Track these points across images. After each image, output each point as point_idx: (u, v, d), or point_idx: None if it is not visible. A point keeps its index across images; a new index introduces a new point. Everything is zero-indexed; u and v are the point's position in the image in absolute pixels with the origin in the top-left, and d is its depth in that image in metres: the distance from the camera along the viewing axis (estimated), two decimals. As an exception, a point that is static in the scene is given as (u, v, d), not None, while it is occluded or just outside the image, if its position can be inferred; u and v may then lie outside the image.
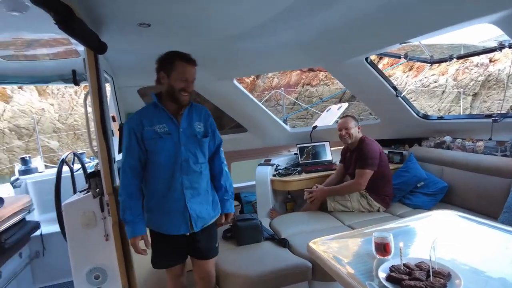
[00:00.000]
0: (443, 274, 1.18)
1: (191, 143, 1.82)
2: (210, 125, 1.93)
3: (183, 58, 1.77)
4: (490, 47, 2.95)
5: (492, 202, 2.34)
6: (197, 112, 1.89)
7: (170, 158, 1.78)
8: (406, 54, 3.24)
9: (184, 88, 1.76)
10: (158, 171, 1.80)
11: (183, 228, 1.83)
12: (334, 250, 1.58)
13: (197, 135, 1.84)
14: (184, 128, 1.81)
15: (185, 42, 2.50)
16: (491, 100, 14.70)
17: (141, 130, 1.76)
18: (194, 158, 1.83)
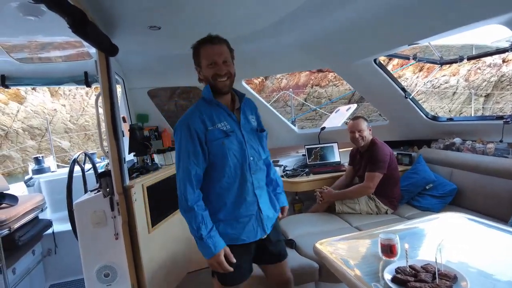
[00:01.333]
0: (449, 276, 1.19)
1: (253, 139, 1.66)
2: (257, 117, 1.75)
3: (204, 42, 1.56)
4: (502, 47, 2.92)
5: (502, 205, 2.31)
6: (249, 106, 1.72)
7: (239, 159, 1.59)
8: (415, 55, 3.23)
9: (217, 72, 1.53)
10: (228, 176, 1.58)
11: (260, 232, 1.64)
12: (341, 252, 1.59)
13: (256, 129, 1.69)
14: (244, 124, 1.63)
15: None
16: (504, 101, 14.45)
17: (205, 131, 1.54)
18: (258, 155, 1.67)
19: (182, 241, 2.99)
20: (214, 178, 1.58)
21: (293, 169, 3.59)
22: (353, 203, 2.90)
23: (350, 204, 2.91)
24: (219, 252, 1.50)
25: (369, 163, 2.85)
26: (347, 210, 2.90)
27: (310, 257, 2.18)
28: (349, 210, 2.90)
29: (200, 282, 2.92)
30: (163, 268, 2.60)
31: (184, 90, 12.80)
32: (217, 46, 1.55)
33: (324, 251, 1.58)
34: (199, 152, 1.52)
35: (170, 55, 2.83)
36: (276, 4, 1.93)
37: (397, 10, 2.12)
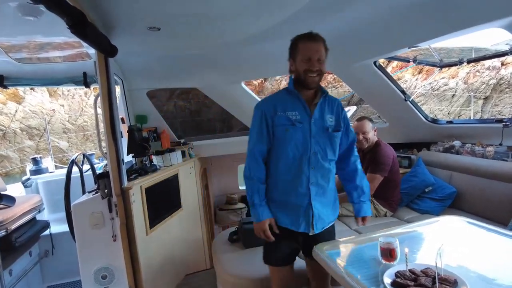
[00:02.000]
0: (449, 281, 1.18)
1: (322, 137, 1.68)
2: (343, 119, 1.76)
3: (303, 37, 1.63)
4: (501, 50, 2.92)
5: (502, 208, 2.31)
6: (330, 104, 1.74)
7: (299, 148, 1.66)
8: (415, 58, 3.22)
9: (309, 68, 1.60)
10: (285, 162, 1.67)
11: (303, 226, 1.69)
12: (340, 254, 1.58)
13: (329, 128, 1.70)
14: (316, 118, 1.67)
15: (193, 46, 2.54)
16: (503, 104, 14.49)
17: (273, 115, 1.66)
18: (323, 152, 1.69)
19: (180, 243, 2.98)
20: (274, 160, 1.71)
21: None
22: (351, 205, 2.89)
23: (349, 207, 2.89)
24: (265, 220, 1.66)
25: (371, 164, 2.81)
26: (346, 213, 2.89)
27: (309, 260, 2.17)
28: (348, 213, 2.89)
29: (198, 284, 2.90)
30: (161, 270, 2.59)
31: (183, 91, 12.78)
32: (316, 44, 1.62)
33: (323, 254, 1.57)
34: (264, 132, 1.67)
35: (169, 56, 2.83)
36: (276, 7, 1.92)
37: (398, 13, 2.12)
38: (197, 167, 3.44)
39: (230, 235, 2.57)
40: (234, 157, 4.14)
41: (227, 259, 2.28)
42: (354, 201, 1.84)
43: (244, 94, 3.43)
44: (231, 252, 2.37)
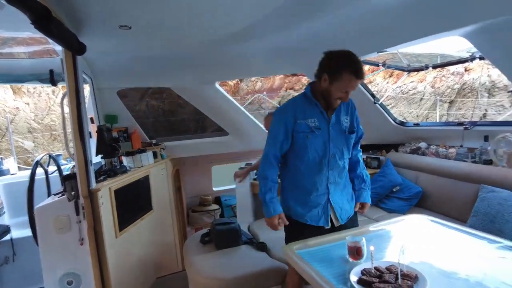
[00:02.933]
0: (411, 276, 1.23)
1: (339, 139, 1.81)
2: (356, 119, 1.88)
3: (352, 71, 1.63)
4: (464, 57, 3.08)
5: (462, 206, 2.43)
6: (345, 105, 1.83)
7: (319, 153, 1.78)
8: (384, 62, 3.34)
9: (342, 97, 1.70)
10: (306, 165, 1.79)
11: (322, 221, 1.83)
12: (309, 254, 1.61)
13: (346, 131, 1.83)
14: (333, 123, 1.79)
15: (166, 45, 2.50)
16: (466, 107, 15.24)
17: (294, 123, 1.76)
18: (340, 154, 1.83)
19: (151, 246, 2.93)
20: (295, 163, 1.82)
21: (265, 172, 3.61)
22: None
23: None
24: (275, 215, 1.80)
25: None
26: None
27: (281, 260, 2.19)
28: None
29: (170, 286, 2.87)
30: (131, 273, 2.53)
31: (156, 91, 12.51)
32: (359, 81, 1.67)
33: (292, 253, 1.59)
34: (280, 139, 1.78)
35: (141, 56, 2.77)
36: (249, 8, 1.93)
37: (366, 19, 2.19)
38: (169, 168, 3.39)
39: (202, 236, 2.55)
40: (208, 158, 4.11)
41: (199, 261, 2.26)
42: (355, 188, 1.97)
43: (218, 95, 3.41)
44: (203, 254, 2.36)
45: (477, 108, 14.86)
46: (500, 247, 1.53)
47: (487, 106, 14.55)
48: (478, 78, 14.98)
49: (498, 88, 15.12)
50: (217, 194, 4.42)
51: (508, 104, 15.16)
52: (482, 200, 2.24)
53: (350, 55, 1.65)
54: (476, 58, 2.75)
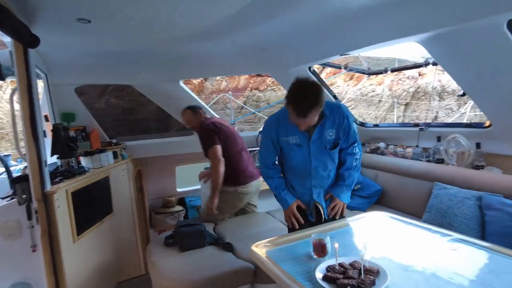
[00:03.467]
0: (373, 271, 1.28)
1: (321, 154, 1.94)
2: (343, 129, 1.93)
3: (294, 109, 1.70)
4: (418, 63, 3.26)
5: (418, 203, 2.58)
6: (332, 118, 1.89)
7: (301, 165, 1.97)
8: (346, 65, 3.45)
9: (298, 125, 1.80)
10: (291, 172, 2.05)
11: (310, 214, 2.08)
12: (276, 253, 1.62)
13: (327, 146, 1.93)
14: (315, 139, 1.90)
15: (128, 41, 2.41)
16: (420, 110, 16.19)
17: (277, 139, 1.97)
18: (324, 166, 1.98)
19: (112, 250, 2.81)
20: (285, 163, 2.08)
21: (231, 172, 3.59)
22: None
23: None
24: (292, 204, 2.02)
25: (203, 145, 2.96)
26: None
27: (247, 260, 2.19)
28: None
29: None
30: (89, 280, 2.40)
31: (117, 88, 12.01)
32: (304, 120, 1.73)
33: (259, 253, 1.60)
34: (270, 147, 2.01)
35: (101, 51, 2.64)
36: (214, 7, 1.91)
37: (329, 22, 2.25)
38: (131, 169, 3.28)
39: (165, 239, 2.49)
40: (172, 158, 4.02)
41: (163, 264, 2.20)
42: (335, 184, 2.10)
43: (182, 93, 3.34)
44: (167, 257, 2.30)
45: (430, 110, 15.85)
46: (451, 240, 1.63)
47: (438, 109, 15.55)
48: (431, 82, 15.97)
49: (447, 92, 16.21)
50: (181, 195, 4.32)
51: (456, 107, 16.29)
52: (435, 196, 2.38)
53: (298, 93, 1.68)
54: (430, 63, 2.92)
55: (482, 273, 1.34)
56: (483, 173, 2.38)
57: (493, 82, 2.14)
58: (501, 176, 2.29)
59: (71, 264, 2.10)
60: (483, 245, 1.55)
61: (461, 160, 2.57)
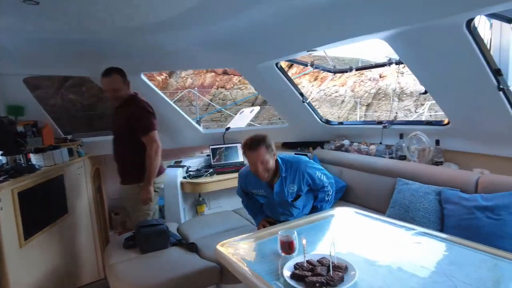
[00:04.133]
0: (341, 267, 1.26)
1: (284, 204, 2.21)
2: (305, 182, 2.18)
3: (246, 147, 2.06)
4: (381, 62, 3.34)
5: (381, 198, 2.62)
6: (292, 176, 2.17)
7: (269, 209, 2.31)
8: (312, 63, 3.46)
9: (256, 171, 2.06)
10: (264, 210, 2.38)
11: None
12: (242, 252, 1.56)
13: (288, 199, 2.18)
14: (277, 192, 2.17)
15: (83, 28, 2.22)
16: (380, 110, 16.88)
17: (246, 189, 2.36)
18: (289, 212, 2.24)
19: (66, 254, 2.62)
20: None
21: (196, 169, 3.49)
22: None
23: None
24: (260, 223, 2.34)
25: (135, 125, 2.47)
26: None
27: (212, 260, 2.12)
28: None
29: None
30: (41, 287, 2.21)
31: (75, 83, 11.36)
32: (255, 153, 2.02)
33: (225, 252, 1.53)
34: (242, 193, 2.44)
35: (53, 38, 2.42)
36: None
37: (295, 18, 2.22)
38: (88, 167, 3.07)
39: (125, 240, 2.35)
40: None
41: (122, 267, 2.07)
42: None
43: (144, 87, 3.18)
44: (127, 259, 2.17)
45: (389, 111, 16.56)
46: (415, 233, 1.66)
47: (398, 110, 16.29)
48: (391, 84, 16.69)
49: (406, 94, 17.02)
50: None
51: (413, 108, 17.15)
52: (398, 192, 2.44)
53: (249, 137, 2.08)
54: (393, 62, 3.00)
55: (445, 264, 1.36)
56: (442, 169, 2.47)
57: (452, 81, 2.22)
58: (458, 172, 2.39)
59: (17, 272, 1.91)
60: (444, 237, 1.60)
61: (422, 157, 2.66)
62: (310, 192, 2.30)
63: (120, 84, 2.42)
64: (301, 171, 2.17)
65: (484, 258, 1.36)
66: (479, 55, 1.89)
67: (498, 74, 2.00)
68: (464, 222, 2.00)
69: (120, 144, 2.50)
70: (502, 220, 1.87)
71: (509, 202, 1.90)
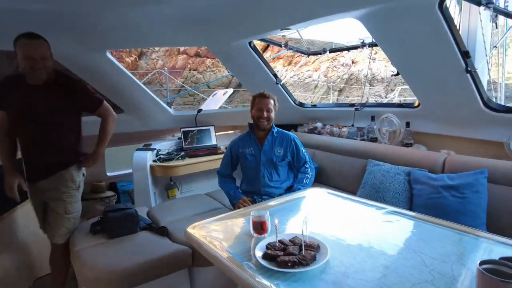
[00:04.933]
0: (313, 246, 1.25)
1: (269, 165, 2.43)
2: (291, 151, 2.48)
3: (259, 95, 2.48)
4: (355, 44, 3.33)
5: (353, 180, 2.66)
6: (281, 140, 2.48)
7: (253, 172, 2.46)
8: (286, 43, 3.40)
9: (259, 116, 2.40)
10: (246, 180, 2.55)
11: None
12: (214, 234, 1.52)
13: (274, 159, 2.42)
14: (266, 150, 2.44)
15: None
16: (352, 96, 17.19)
17: (237, 151, 2.53)
18: (269, 176, 2.43)
19: (26, 243, 2.48)
20: (243, 178, 2.61)
21: (167, 153, 3.38)
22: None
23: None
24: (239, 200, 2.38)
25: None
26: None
27: (184, 243, 2.07)
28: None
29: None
30: None
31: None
32: (266, 100, 2.43)
33: (195, 234, 1.48)
34: (228, 162, 2.57)
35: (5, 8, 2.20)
36: None
37: None
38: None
39: (92, 226, 2.24)
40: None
41: (88, 253, 1.98)
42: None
43: (110, 66, 2.99)
44: (94, 245, 2.07)
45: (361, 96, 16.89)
46: (386, 212, 1.69)
47: (369, 95, 16.65)
48: (362, 70, 16.98)
49: (377, 80, 17.40)
50: (112, 180, 3.98)
51: (384, 94, 17.58)
52: (369, 173, 2.48)
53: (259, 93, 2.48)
54: (366, 45, 2.99)
55: (413, 241, 1.39)
56: (411, 150, 2.53)
57: (423, 63, 2.24)
58: (427, 153, 2.45)
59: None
60: (413, 215, 1.63)
61: (393, 138, 2.71)
62: (291, 172, 2.53)
63: (49, 52, 1.99)
64: (290, 139, 2.49)
65: (449, 234, 1.40)
66: (449, 36, 1.91)
67: (466, 56, 2.04)
68: (431, 201, 2.06)
69: (51, 128, 2.10)
70: (466, 198, 1.94)
71: (473, 181, 1.97)
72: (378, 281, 1.07)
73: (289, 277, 1.12)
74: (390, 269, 1.14)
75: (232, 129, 4.20)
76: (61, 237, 2.19)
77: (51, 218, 2.19)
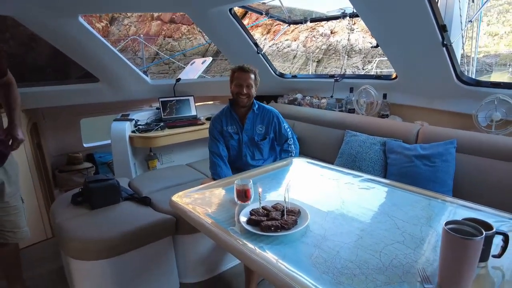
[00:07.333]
0: (294, 211, 1.31)
1: (251, 143, 2.36)
2: (273, 128, 2.38)
3: (238, 68, 2.28)
4: (335, 14, 3.32)
5: (331, 150, 2.75)
6: (262, 117, 2.36)
7: (236, 152, 2.37)
8: (267, 11, 3.34)
9: (239, 92, 2.23)
10: (231, 155, 2.38)
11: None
12: (198, 202, 1.56)
13: (256, 138, 2.34)
14: (247, 129, 2.34)
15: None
16: (330, 67, 17.23)
17: (221, 129, 2.34)
18: (252, 154, 2.38)
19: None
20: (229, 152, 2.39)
21: (146, 123, 3.33)
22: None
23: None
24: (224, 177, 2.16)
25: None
26: None
27: (167, 212, 2.11)
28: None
29: (39, 257, 2.49)
30: None
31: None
32: (246, 74, 2.25)
33: (180, 203, 1.52)
34: (216, 137, 2.34)
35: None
36: None
37: None
38: (23, 122, 2.79)
39: (73, 197, 2.23)
40: (74, 109, 3.55)
41: (71, 224, 1.98)
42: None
43: (83, 32, 2.84)
44: (76, 216, 2.07)
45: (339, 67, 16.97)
46: (362, 180, 1.78)
47: (346, 66, 16.75)
48: (341, 41, 16.94)
49: (355, 51, 17.44)
50: (89, 151, 3.92)
51: (361, 66, 17.72)
52: (347, 143, 2.56)
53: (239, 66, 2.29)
54: (347, 15, 3.00)
55: (387, 206, 1.48)
56: (387, 121, 2.62)
57: (401, 34, 2.28)
58: (402, 124, 2.55)
59: None
60: (387, 183, 1.73)
61: (370, 110, 2.79)
62: (273, 151, 2.46)
63: None
64: (272, 115, 2.38)
65: (419, 199, 1.51)
66: (428, 8, 1.95)
67: (443, 29, 2.09)
68: (405, 169, 2.18)
69: None
70: (436, 167, 2.07)
71: (443, 150, 2.10)
72: (354, 242, 1.15)
73: (272, 240, 1.18)
74: (365, 231, 1.23)
75: (212, 99, 4.17)
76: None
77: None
